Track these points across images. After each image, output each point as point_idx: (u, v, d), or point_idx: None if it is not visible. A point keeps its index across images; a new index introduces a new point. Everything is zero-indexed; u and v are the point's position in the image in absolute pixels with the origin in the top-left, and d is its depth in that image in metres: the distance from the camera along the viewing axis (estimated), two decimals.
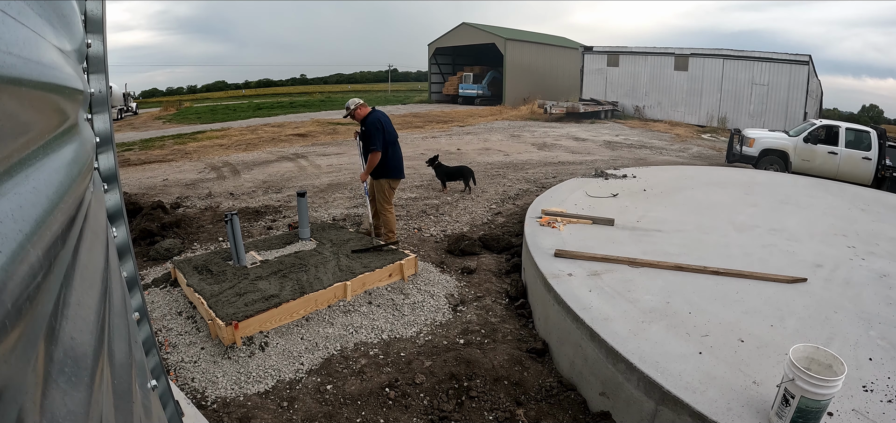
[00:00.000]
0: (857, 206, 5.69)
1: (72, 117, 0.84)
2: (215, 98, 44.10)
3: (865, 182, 8.93)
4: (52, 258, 0.49)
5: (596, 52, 24.18)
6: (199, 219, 6.03)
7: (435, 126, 17.44)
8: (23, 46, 0.48)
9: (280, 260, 4.22)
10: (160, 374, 1.75)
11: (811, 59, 17.85)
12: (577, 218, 4.63)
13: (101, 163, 1.41)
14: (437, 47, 31.81)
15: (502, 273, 4.44)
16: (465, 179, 7.52)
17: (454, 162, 10.08)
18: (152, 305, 3.75)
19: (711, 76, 20.26)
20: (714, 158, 12.37)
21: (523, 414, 2.55)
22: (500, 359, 2.94)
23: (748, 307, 2.92)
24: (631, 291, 3.12)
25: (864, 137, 9.33)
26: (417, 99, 33.23)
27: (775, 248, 4.03)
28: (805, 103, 17.77)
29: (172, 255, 4.80)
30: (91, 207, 0.90)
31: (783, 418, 1.88)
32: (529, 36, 31.18)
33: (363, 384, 2.83)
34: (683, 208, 5.22)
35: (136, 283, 1.59)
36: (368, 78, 69.73)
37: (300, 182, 8.14)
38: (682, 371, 2.27)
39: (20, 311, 0.38)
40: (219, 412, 2.60)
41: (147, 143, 13.58)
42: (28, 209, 0.46)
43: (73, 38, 0.94)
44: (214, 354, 3.10)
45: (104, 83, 1.35)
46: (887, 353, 2.46)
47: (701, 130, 18.79)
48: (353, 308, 3.69)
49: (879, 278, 3.46)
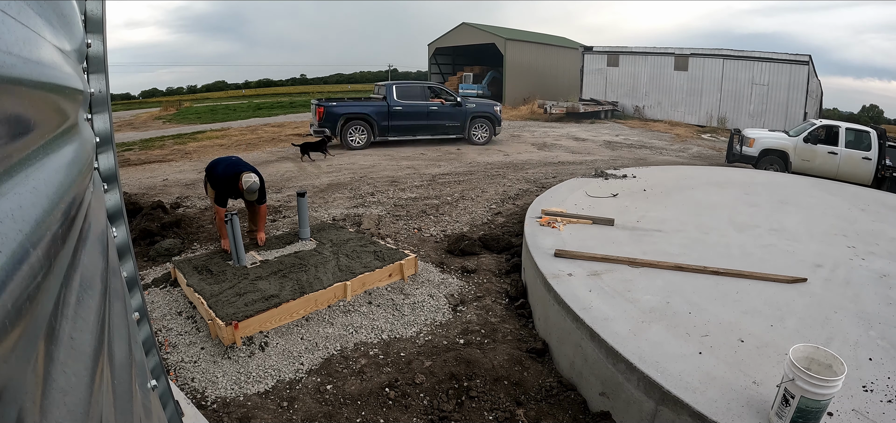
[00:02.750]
0: (857, 206, 5.69)
1: (72, 117, 0.84)
2: (215, 98, 44.07)
3: (865, 182, 8.93)
4: (52, 258, 0.49)
5: (596, 53, 24.17)
6: (199, 219, 6.03)
7: None
8: (22, 46, 0.48)
9: (280, 260, 4.22)
10: (160, 374, 1.75)
11: (811, 60, 17.84)
12: (577, 218, 4.63)
13: (101, 163, 1.41)
14: (437, 47, 31.79)
15: (502, 273, 4.44)
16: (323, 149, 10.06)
17: (454, 162, 10.09)
18: (152, 305, 3.75)
19: (711, 76, 20.24)
20: (714, 158, 12.37)
21: (523, 414, 2.55)
22: (500, 359, 2.94)
23: (748, 307, 2.92)
24: (631, 291, 3.12)
25: (864, 138, 9.33)
26: None
27: (775, 248, 4.03)
28: (805, 103, 17.76)
29: (172, 255, 4.80)
30: (91, 207, 0.90)
31: (783, 418, 1.88)
32: (529, 36, 31.16)
33: (363, 384, 2.83)
34: (683, 208, 5.22)
35: (136, 283, 1.59)
36: (368, 78, 69.63)
37: (300, 182, 8.14)
38: (682, 371, 2.27)
39: (20, 311, 0.38)
40: (219, 412, 2.60)
41: (147, 143, 13.58)
42: (28, 209, 0.46)
43: (73, 38, 0.94)
44: (214, 354, 3.10)
45: (104, 83, 1.35)
46: (887, 353, 2.46)
47: (701, 130, 18.79)
48: (353, 308, 3.69)
49: (879, 278, 3.46)
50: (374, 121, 11.55)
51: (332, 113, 11.28)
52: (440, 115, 12.23)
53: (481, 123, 12.55)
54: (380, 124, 11.62)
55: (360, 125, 11.49)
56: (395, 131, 11.86)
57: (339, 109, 11.38)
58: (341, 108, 11.47)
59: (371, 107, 11.67)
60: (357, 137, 11.49)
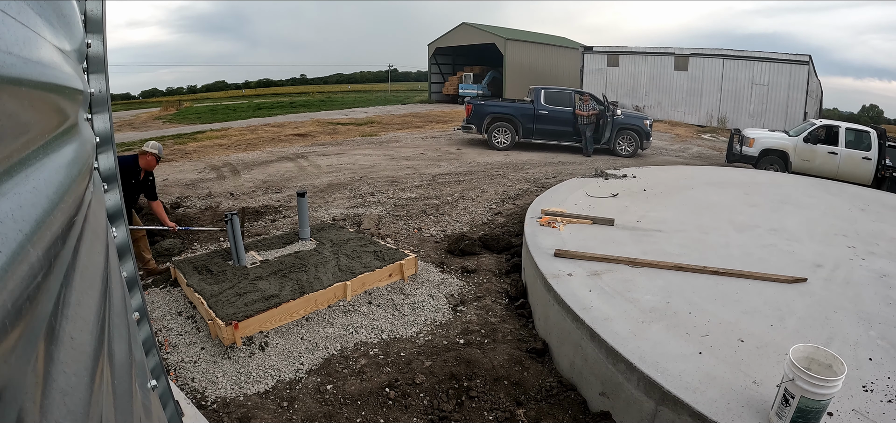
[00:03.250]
0: (857, 206, 5.69)
1: (72, 117, 0.84)
2: (215, 98, 44.07)
3: (865, 182, 8.93)
4: (52, 258, 0.49)
5: (596, 53, 24.16)
6: (199, 219, 6.03)
7: (435, 126, 17.42)
8: (22, 46, 0.48)
9: (280, 260, 4.22)
10: (160, 374, 1.75)
11: (811, 60, 17.84)
12: (577, 218, 4.63)
13: (101, 163, 1.41)
14: (437, 47, 31.78)
15: (502, 273, 4.44)
16: None
17: (454, 162, 10.09)
18: (152, 305, 3.75)
19: (711, 76, 20.24)
20: (714, 158, 12.36)
21: (523, 414, 2.55)
22: (500, 359, 2.94)
23: (748, 307, 2.92)
24: (631, 291, 3.12)
25: (864, 138, 9.33)
26: (417, 99, 33.21)
27: (775, 248, 4.03)
28: (805, 103, 17.76)
29: (172, 255, 4.80)
30: (91, 208, 0.90)
31: (783, 418, 1.88)
32: (529, 36, 31.16)
33: (363, 384, 2.83)
34: (683, 208, 5.22)
35: (136, 283, 1.59)
36: (368, 78, 69.68)
37: (300, 182, 8.14)
38: (682, 371, 2.27)
39: (20, 311, 0.38)
40: (219, 412, 2.60)
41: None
42: (28, 209, 0.46)
43: (73, 38, 0.94)
44: (214, 354, 3.10)
45: (104, 83, 1.35)
46: (887, 353, 2.46)
47: (701, 130, 18.79)
48: (353, 308, 3.69)
49: (879, 278, 3.46)
50: (519, 122, 11.67)
51: (480, 111, 11.75)
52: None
53: (629, 136, 11.91)
54: (524, 126, 11.72)
55: (505, 125, 11.66)
56: (539, 134, 11.82)
57: (487, 108, 11.83)
58: (489, 107, 11.87)
59: (517, 108, 11.77)
60: (501, 138, 11.70)
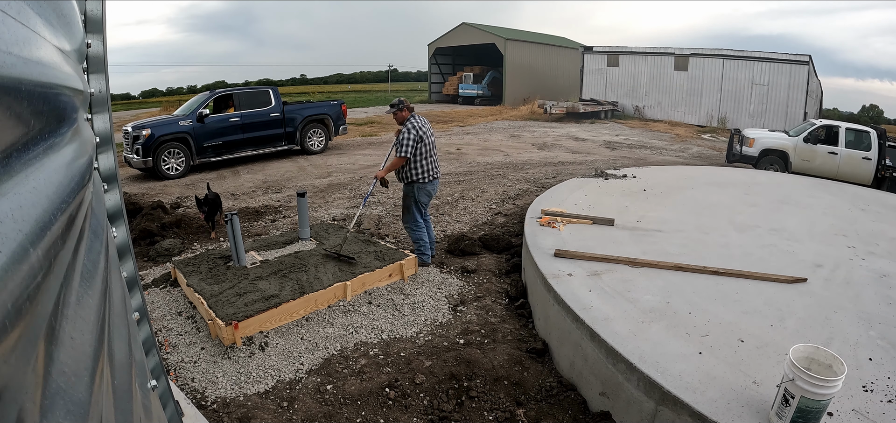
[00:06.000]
0: (857, 206, 5.69)
1: (72, 117, 0.84)
2: None
3: (865, 182, 8.93)
4: (52, 258, 0.49)
5: (596, 53, 24.16)
6: (199, 219, 6.02)
7: (435, 126, 17.44)
8: (22, 46, 0.48)
9: (280, 260, 4.22)
10: (160, 374, 1.75)
11: (811, 60, 17.84)
12: (577, 218, 4.63)
13: (101, 163, 1.41)
14: (437, 47, 31.79)
15: (502, 273, 4.44)
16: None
17: (454, 162, 10.08)
18: (152, 305, 3.75)
19: (711, 76, 20.24)
20: (714, 158, 12.36)
21: (523, 414, 2.55)
22: (500, 359, 2.94)
23: (748, 307, 2.92)
24: (631, 291, 3.12)
25: (864, 138, 9.33)
26: (417, 99, 33.20)
27: (775, 248, 4.03)
28: (805, 103, 17.76)
29: (172, 255, 4.80)
30: (91, 207, 0.90)
31: (783, 418, 1.88)
32: (529, 36, 31.17)
33: (363, 384, 2.83)
34: (683, 208, 5.22)
35: (136, 283, 1.59)
36: (368, 78, 69.65)
37: (300, 182, 8.14)
38: (682, 371, 2.26)
39: (20, 311, 0.38)
40: (219, 412, 2.60)
41: None
42: (28, 209, 0.46)
43: (73, 38, 0.94)
44: (214, 354, 3.10)
45: (104, 83, 1.35)
46: (887, 353, 2.46)
47: (701, 130, 18.78)
48: (352, 308, 3.69)
49: (879, 278, 3.46)
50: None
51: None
52: None
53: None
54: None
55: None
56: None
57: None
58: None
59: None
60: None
